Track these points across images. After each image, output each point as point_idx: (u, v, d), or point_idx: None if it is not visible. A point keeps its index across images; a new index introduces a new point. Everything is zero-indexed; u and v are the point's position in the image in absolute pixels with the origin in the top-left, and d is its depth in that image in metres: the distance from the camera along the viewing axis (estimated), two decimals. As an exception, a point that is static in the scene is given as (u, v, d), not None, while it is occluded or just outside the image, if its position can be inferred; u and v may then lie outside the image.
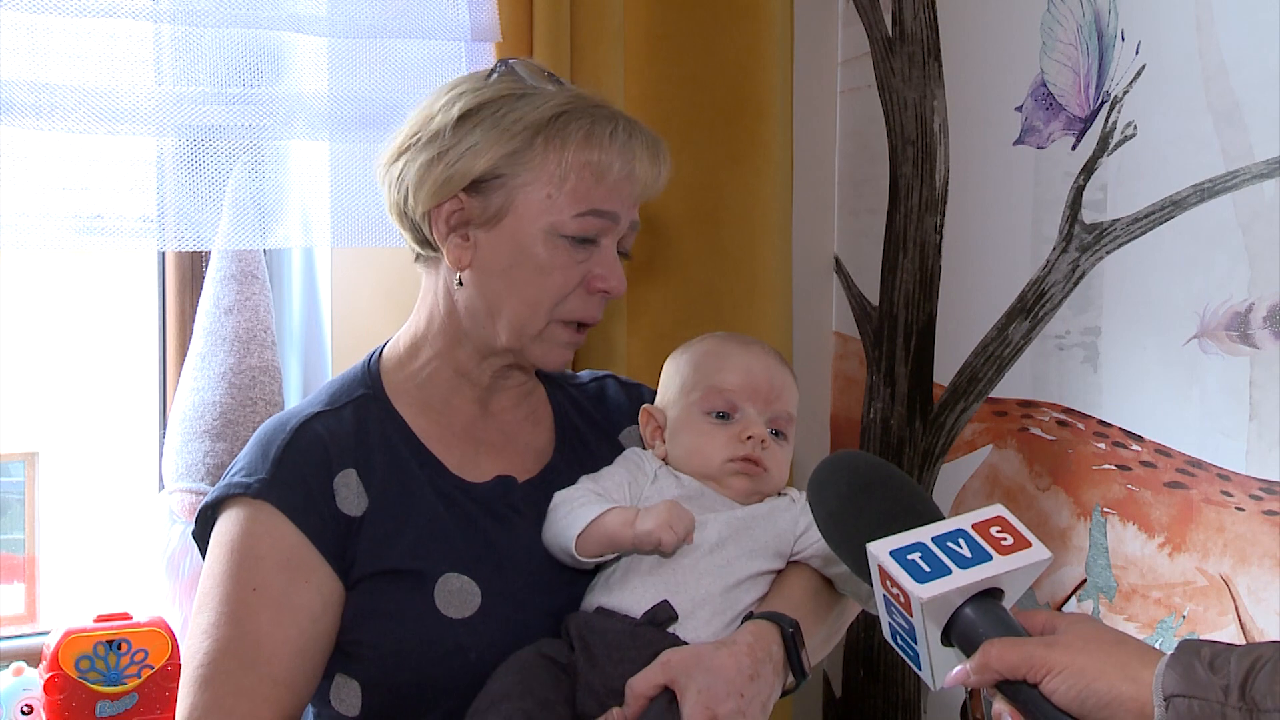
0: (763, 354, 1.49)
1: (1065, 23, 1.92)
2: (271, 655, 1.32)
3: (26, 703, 1.79)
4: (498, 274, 1.41)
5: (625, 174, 1.41)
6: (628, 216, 1.44)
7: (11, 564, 3.86)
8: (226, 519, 1.38)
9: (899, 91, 2.22)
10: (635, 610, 1.35)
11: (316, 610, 1.35)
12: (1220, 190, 1.71)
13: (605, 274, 1.42)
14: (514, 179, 1.39)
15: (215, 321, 1.93)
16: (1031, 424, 2.00)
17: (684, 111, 2.14)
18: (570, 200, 1.39)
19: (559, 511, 1.41)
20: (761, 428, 1.44)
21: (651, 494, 1.43)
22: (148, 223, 1.82)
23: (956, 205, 2.12)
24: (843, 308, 2.35)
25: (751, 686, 1.29)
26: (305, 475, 1.37)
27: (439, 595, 1.36)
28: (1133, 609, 1.83)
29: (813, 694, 2.37)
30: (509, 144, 1.39)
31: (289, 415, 1.44)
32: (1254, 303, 1.67)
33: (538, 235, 1.39)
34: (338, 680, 1.38)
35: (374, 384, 1.48)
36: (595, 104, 1.44)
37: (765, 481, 1.45)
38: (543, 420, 1.56)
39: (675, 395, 1.49)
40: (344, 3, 1.82)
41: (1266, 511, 1.66)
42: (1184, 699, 0.94)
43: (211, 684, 1.31)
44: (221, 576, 1.35)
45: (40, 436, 4.07)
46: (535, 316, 1.42)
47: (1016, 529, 1.08)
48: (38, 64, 1.66)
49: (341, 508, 1.37)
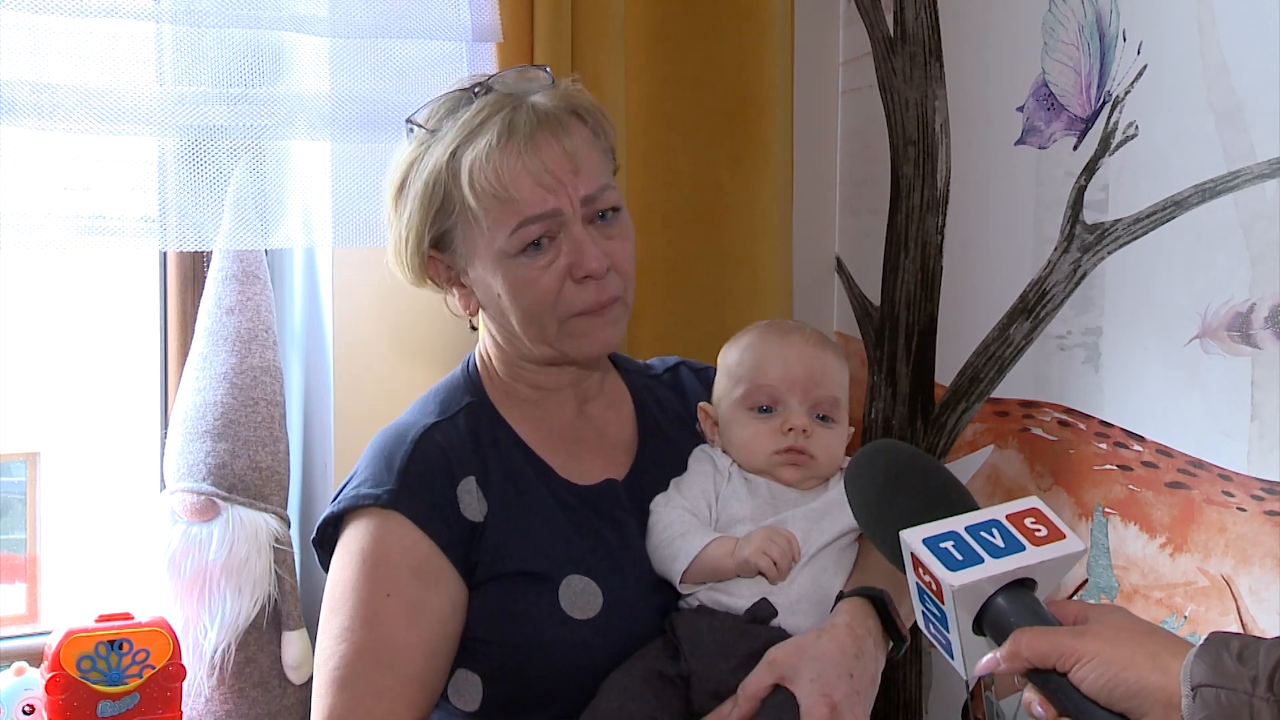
0: (801, 341, 1.51)
1: (1067, 23, 1.92)
2: (406, 657, 1.37)
3: (28, 702, 1.79)
4: (494, 305, 1.46)
5: (536, 170, 1.39)
6: (568, 199, 1.41)
7: (13, 564, 3.87)
8: (356, 528, 1.43)
9: (900, 91, 2.22)
10: (736, 608, 1.40)
11: (446, 614, 1.40)
12: (1222, 190, 1.71)
13: (580, 260, 1.42)
14: (454, 230, 1.44)
15: (216, 321, 1.93)
16: (1033, 424, 2.00)
17: (685, 111, 2.14)
18: (497, 225, 1.41)
19: (659, 535, 1.45)
20: (802, 418, 1.47)
21: (726, 494, 1.47)
22: (149, 223, 1.82)
23: (958, 205, 2.12)
24: (844, 308, 2.35)
25: (859, 664, 1.33)
26: (430, 485, 1.42)
27: (564, 596, 1.40)
28: (1134, 609, 1.82)
29: (814, 694, 2.37)
30: (430, 206, 1.44)
31: (406, 426, 1.48)
32: (1255, 303, 1.67)
33: (496, 266, 1.43)
34: (458, 675, 1.43)
35: (477, 391, 1.53)
36: (482, 117, 1.42)
37: (816, 467, 1.48)
38: (623, 409, 1.59)
39: (723, 392, 1.53)
40: (345, 3, 1.82)
41: (1268, 512, 1.66)
42: (1212, 689, 0.94)
43: (349, 685, 1.36)
44: (355, 583, 1.40)
45: (41, 437, 4.07)
46: (545, 324, 1.44)
47: (1051, 520, 1.09)
48: (39, 64, 1.67)
49: (465, 514, 1.42)
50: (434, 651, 1.39)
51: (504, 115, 1.41)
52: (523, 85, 1.47)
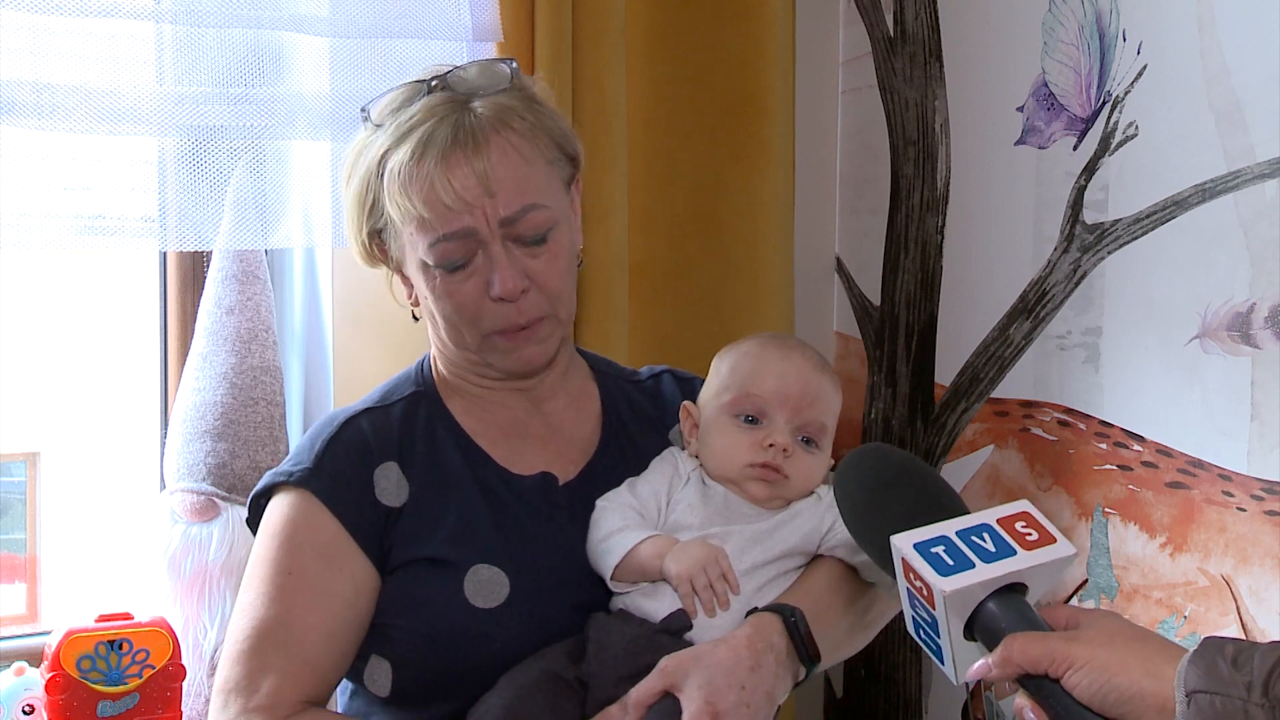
0: (801, 360, 1.48)
1: (1067, 23, 1.92)
2: (302, 638, 1.37)
3: (28, 702, 1.79)
4: (424, 305, 1.48)
5: (446, 190, 1.38)
6: (485, 218, 1.39)
7: (13, 564, 3.87)
8: (272, 505, 1.45)
9: (900, 91, 2.22)
10: (657, 615, 1.36)
11: (349, 597, 1.40)
12: (1222, 190, 1.71)
13: (494, 280, 1.41)
14: (385, 229, 1.46)
15: (216, 321, 1.93)
16: (1033, 424, 2.00)
17: (685, 111, 2.14)
18: (419, 235, 1.41)
19: (597, 531, 1.43)
20: (786, 436, 1.44)
21: (679, 498, 1.45)
22: (149, 223, 1.82)
23: (958, 205, 2.12)
24: (844, 308, 2.35)
25: (753, 677, 1.30)
26: (345, 467, 1.43)
27: (469, 585, 1.40)
28: (1134, 609, 1.83)
29: (814, 694, 2.37)
30: (364, 203, 1.45)
31: (339, 412, 1.51)
32: (1255, 303, 1.67)
33: (420, 273, 1.44)
34: (372, 661, 1.42)
35: (426, 382, 1.54)
36: (410, 126, 1.40)
37: (785, 488, 1.44)
38: (587, 409, 1.57)
39: (712, 395, 1.50)
40: (346, 3, 1.82)
41: (1268, 512, 1.66)
42: (1206, 695, 0.94)
43: (244, 659, 1.37)
44: (264, 559, 1.42)
45: (42, 437, 4.08)
46: (466, 336, 1.46)
47: (1042, 524, 1.08)
48: (39, 64, 1.67)
49: (380, 499, 1.43)
50: (332, 633, 1.38)
51: (428, 127, 1.39)
52: (481, 81, 1.45)
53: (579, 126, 1.98)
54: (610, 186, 2.01)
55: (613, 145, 2.01)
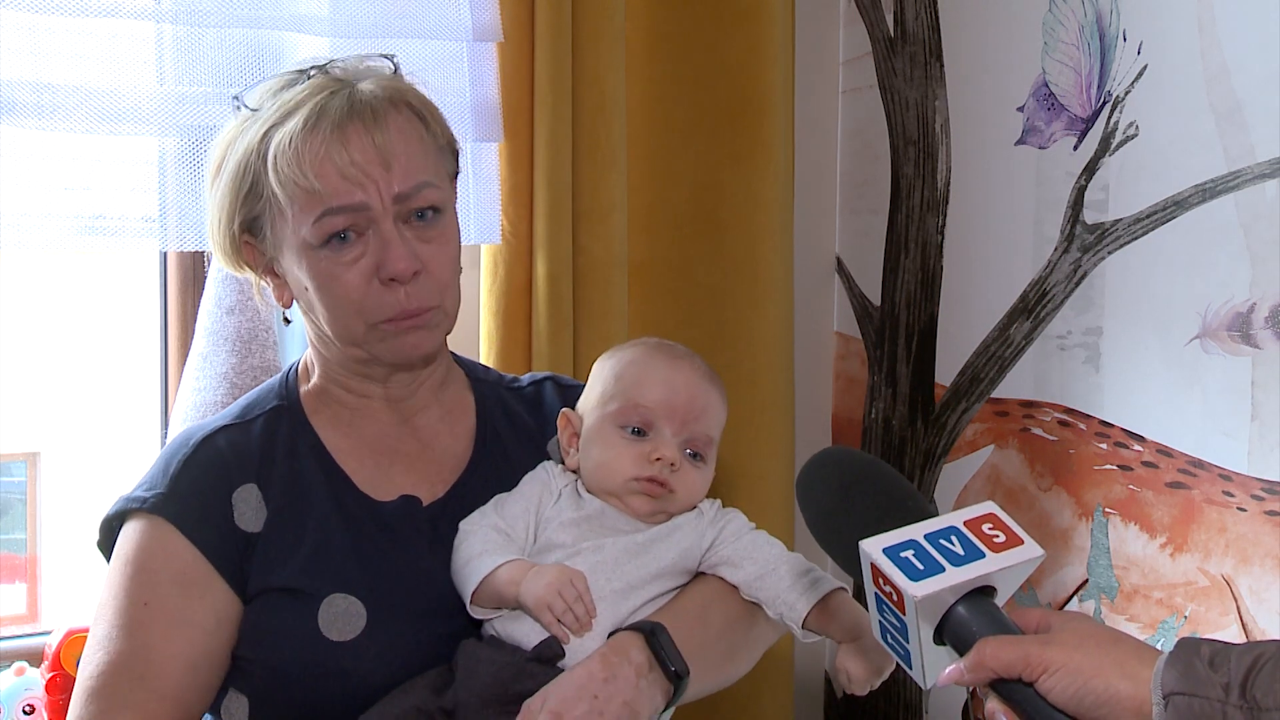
0: (690, 371, 1.41)
1: (1067, 23, 1.92)
2: (160, 670, 1.31)
3: (28, 702, 1.79)
4: (304, 298, 1.39)
5: (342, 161, 1.31)
6: (378, 194, 1.33)
7: (13, 564, 3.87)
8: (125, 533, 1.38)
9: (900, 91, 2.22)
10: (528, 642, 1.30)
11: (210, 626, 1.33)
12: (1222, 190, 1.71)
13: (385, 258, 1.33)
14: (262, 216, 1.37)
15: (217, 321, 1.93)
16: (1033, 424, 2.00)
17: (685, 111, 2.14)
18: (302, 213, 1.32)
19: (459, 556, 1.36)
20: (673, 450, 1.37)
21: (552, 515, 1.38)
22: (149, 223, 1.82)
23: (958, 205, 2.12)
24: (844, 308, 2.35)
25: (607, 688, 1.25)
26: (202, 490, 1.36)
27: (323, 616, 1.33)
28: (1134, 609, 1.83)
29: (814, 694, 2.37)
30: (240, 188, 1.36)
31: (195, 429, 1.43)
32: (1256, 303, 1.67)
33: (300, 257, 1.35)
34: (230, 694, 1.37)
35: (290, 396, 1.45)
36: (296, 103, 1.34)
37: (670, 502, 1.38)
38: (461, 423, 1.50)
39: (594, 403, 1.42)
40: (345, 3, 1.82)
41: (1268, 512, 1.66)
42: (1184, 697, 0.93)
43: (99, 696, 1.31)
44: (116, 590, 1.35)
45: (42, 437, 4.08)
46: (351, 326, 1.37)
47: (1008, 526, 1.07)
48: (40, 64, 1.67)
49: (239, 523, 1.36)
50: (193, 664, 1.32)
51: (320, 99, 1.33)
52: (360, 72, 1.40)
53: (579, 126, 1.99)
54: (610, 186, 2.01)
55: (612, 144, 2.01)
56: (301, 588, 1.34)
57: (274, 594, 1.35)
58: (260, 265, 1.42)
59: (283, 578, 1.35)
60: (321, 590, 1.34)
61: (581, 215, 2.00)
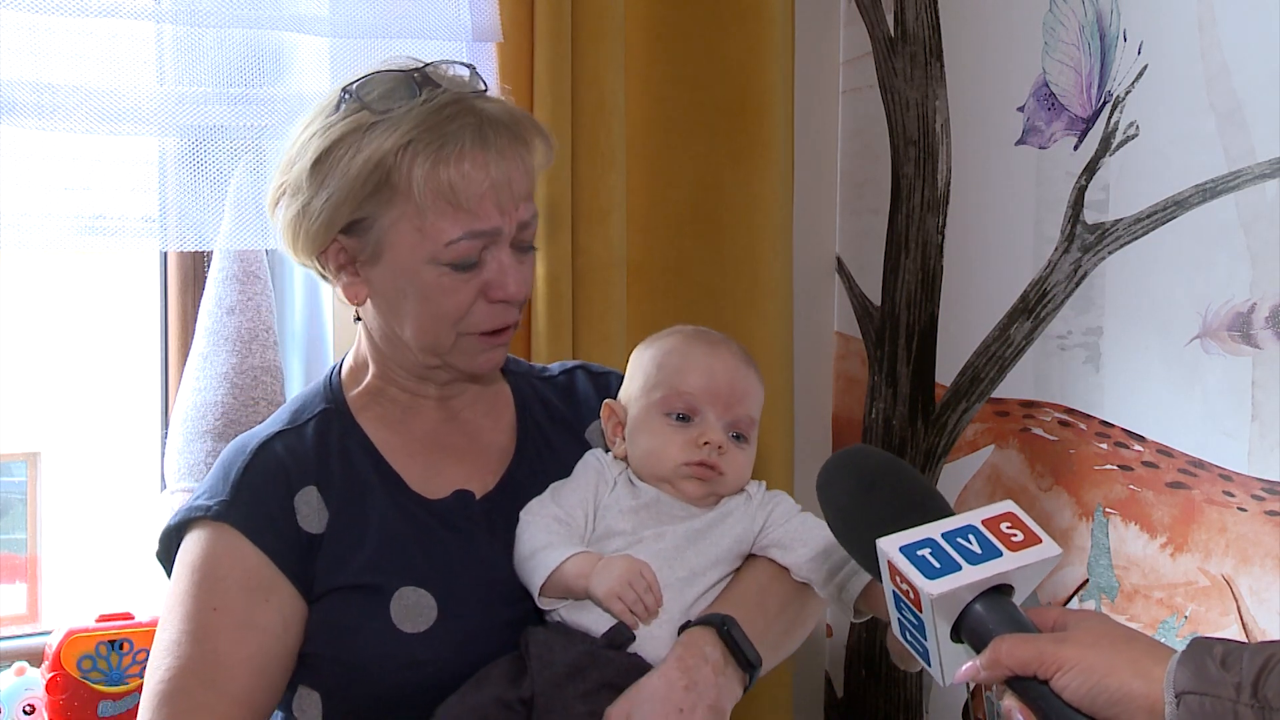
0: (728, 355, 1.46)
1: (1067, 23, 1.92)
2: (231, 674, 1.34)
3: (29, 702, 1.79)
4: (392, 304, 1.40)
5: (486, 187, 1.35)
6: (512, 221, 1.38)
7: (13, 564, 3.87)
8: (189, 541, 1.40)
9: (901, 91, 2.22)
10: (596, 629, 1.34)
11: (277, 629, 1.36)
12: (1222, 190, 1.71)
13: (502, 282, 1.38)
14: (380, 219, 1.37)
15: (217, 321, 1.93)
16: (1033, 424, 2.00)
17: (685, 111, 2.14)
18: (437, 230, 1.35)
19: (522, 548, 1.39)
20: (720, 433, 1.41)
21: (610, 503, 1.42)
22: (150, 223, 1.82)
23: (958, 205, 2.12)
24: (844, 308, 2.35)
25: (690, 696, 1.28)
26: (264, 496, 1.39)
27: (395, 610, 1.36)
28: (1135, 609, 1.83)
29: (815, 694, 2.37)
30: (363, 188, 1.36)
31: (250, 436, 1.45)
32: (1256, 303, 1.67)
33: (419, 267, 1.37)
34: (300, 691, 1.39)
35: (336, 398, 1.48)
36: (446, 115, 1.36)
37: (721, 485, 1.42)
38: (503, 416, 1.53)
39: (638, 392, 1.46)
40: (346, 3, 1.82)
41: (1268, 512, 1.66)
42: (1196, 696, 0.93)
43: (171, 700, 1.33)
44: (184, 596, 1.37)
45: (42, 436, 4.07)
46: (440, 337, 1.40)
47: (1027, 525, 1.07)
48: (40, 64, 1.67)
49: (303, 525, 1.39)
50: (262, 667, 1.35)
51: (473, 123, 1.36)
52: (463, 86, 1.42)
53: (578, 126, 1.99)
54: (609, 186, 2.01)
55: (612, 145, 2.01)
56: (371, 584, 1.37)
57: (343, 592, 1.38)
58: (340, 262, 1.42)
59: (350, 575, 1.38)
60: (391, 585, 1.37)
61: (581, 215, 2.00)
